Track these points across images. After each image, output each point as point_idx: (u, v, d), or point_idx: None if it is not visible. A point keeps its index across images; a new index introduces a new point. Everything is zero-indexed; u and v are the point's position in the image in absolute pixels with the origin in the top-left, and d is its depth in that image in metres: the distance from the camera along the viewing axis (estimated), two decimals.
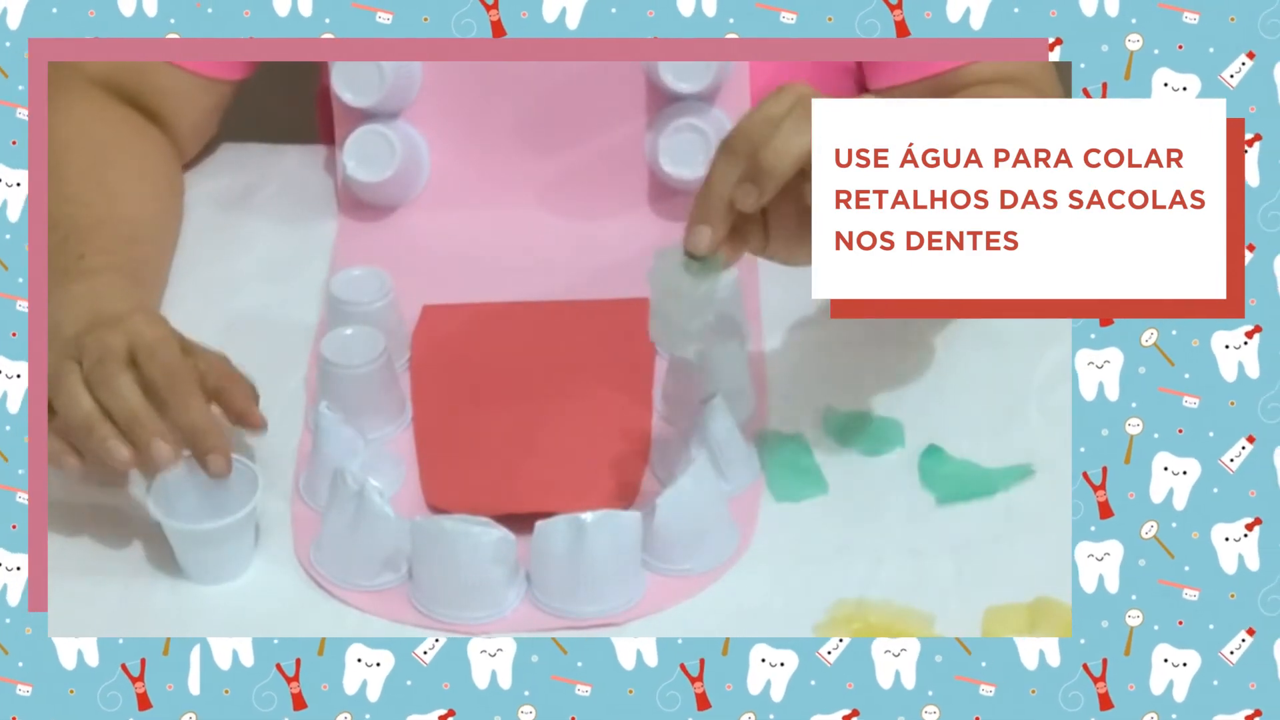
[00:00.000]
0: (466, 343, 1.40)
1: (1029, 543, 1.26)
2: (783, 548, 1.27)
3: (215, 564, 1.25)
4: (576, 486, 1.29)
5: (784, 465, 1.32)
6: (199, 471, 1.24)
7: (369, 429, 1.31)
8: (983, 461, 1.31)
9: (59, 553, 1.21)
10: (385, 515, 1.22)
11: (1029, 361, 1.38)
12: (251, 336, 1.42)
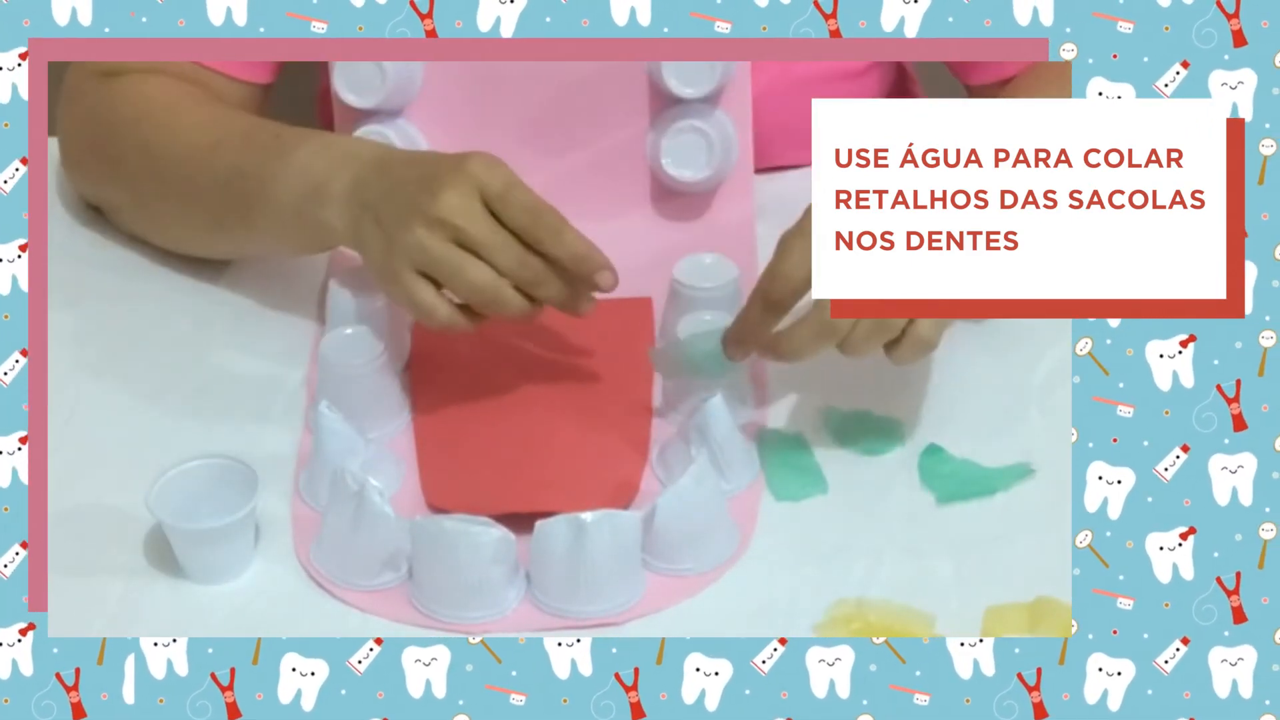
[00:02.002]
0: (466, 342, 1.40)
1: (1029, 542, 1.26)
2: (783, 547, 1.27)
3: (215, 564, 1.25)
4: (576, 486, 1.29)
5: (784, 465, 1.32)
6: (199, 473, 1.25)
7: (369, 429, 1.31)
8: (983, 461, 1.31)
9: (59, 553, 1.21)
10: (385, 515, 1.22)
11: (1029, 361, 1.38)
12: (251, 336, 1.43)
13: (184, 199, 1.43)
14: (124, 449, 1.34)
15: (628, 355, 1.39)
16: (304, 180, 1.35)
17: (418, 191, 1.29)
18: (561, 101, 1.49)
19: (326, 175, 1.34)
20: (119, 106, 1.47)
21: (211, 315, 1.45)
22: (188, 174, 1.42)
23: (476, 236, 1.28)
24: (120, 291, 1.48)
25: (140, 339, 1.43)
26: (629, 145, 1.50)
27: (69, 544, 1.25)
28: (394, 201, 1.30)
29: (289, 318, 1.44)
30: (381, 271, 1.31)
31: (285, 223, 1.37)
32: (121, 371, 1.40)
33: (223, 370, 1.40)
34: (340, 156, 1.35)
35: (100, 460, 1.33)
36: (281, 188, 1.36)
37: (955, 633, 1.18)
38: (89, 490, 1.30)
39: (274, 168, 1.37)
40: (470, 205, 1.28)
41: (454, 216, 1.28)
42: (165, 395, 1.38)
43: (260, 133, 1.41)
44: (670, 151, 1.49)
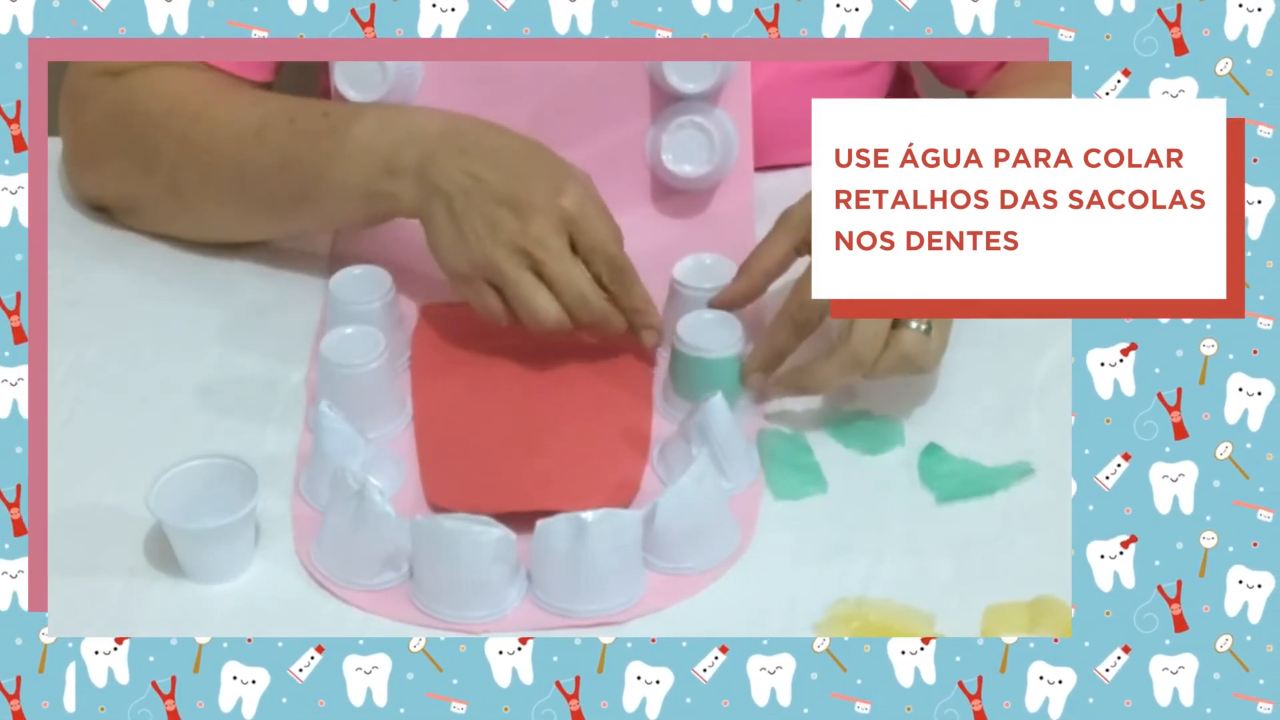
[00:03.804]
0: (466, 342, 1.40)
1: (1029, 541, 1.26)
2: (783, 546, 1.27)
3: (215, 564, 1.25)
4: (577, 485, 1.29)
5: (784, 464, 1.32)
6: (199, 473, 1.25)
7: (369, 428, 1.31)
8: (983, 461, 1.31)
9: (59, 553, 1.21)
10: (386, 514, 1.22)
11: (1029, 361, 1.38)
12: (251, 336, 1.43)
13: (234, 188, 1.43)
14: (124, 449, 1.33)
15: (628, 354, 1.39)
16: (370, 158, 1.37)
17: (506, 211, 1.32)
18: (562, 98, 1.49)
19: (392, 151, 1.36)
20: (144, 101, 1.46)
21: (211, 315, 1.45)
22: (236, 163, 1.42)
23: (554, 274, 1.32)
24: (120, 291, 1.47)
25: (140, 339, 1.43)
26: (629, 142, 1.50)
27: (69, 544, 1.25)
28: (474, 204, 1.33)
29: (289, 318, 1.44)
30: (447, 261, 1.34)
31: (350, 202, 1.39)
32: (121, 371, 1.40)
33: (223, 370, 1.40)
34: (405, 135, 1.37)
35: (100, 460, 1.33)
36: (344, 168, 1.37)
37: (955, 632, 1.18)
38: (89, 490, 1.30)
39: (329, 148, 1.38)
40: (557, 242, 1.32)
41: (538, 250, 1.32)
42: (165, 395, 1.38)
43: (305, 114, 1.42)
44: (671, 147, 1.49)
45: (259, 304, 1.46)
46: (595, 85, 1.48)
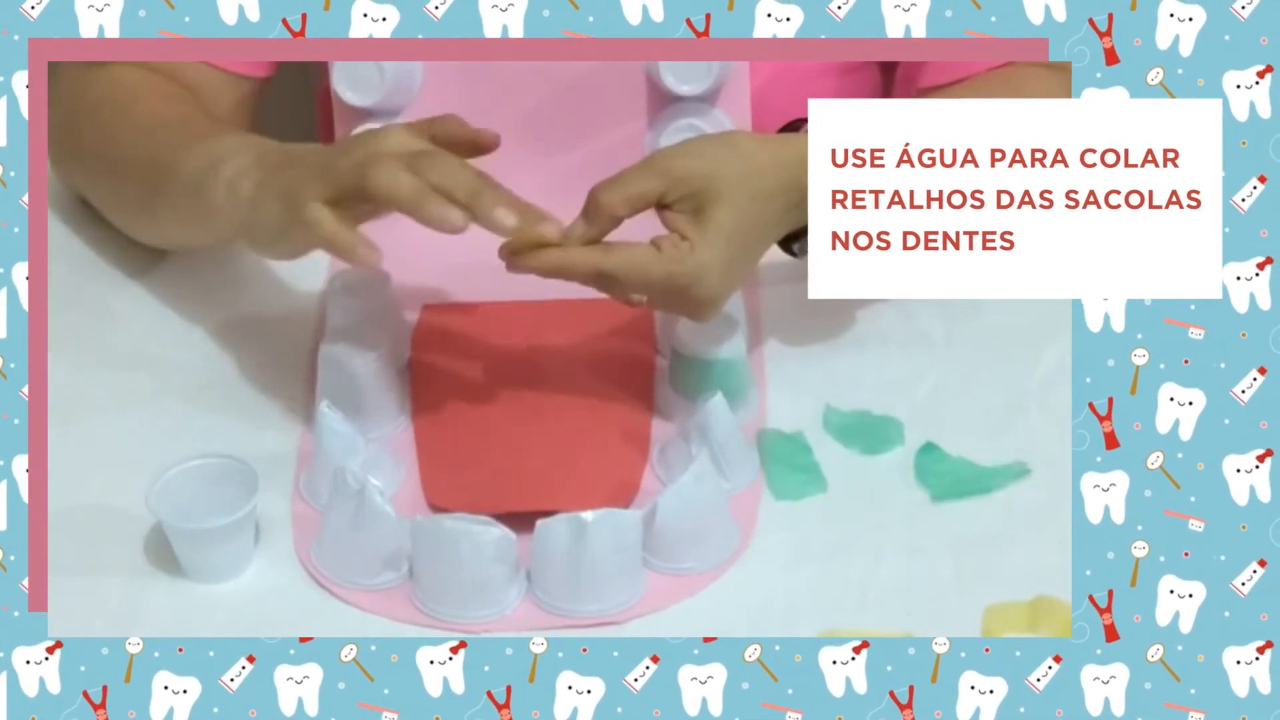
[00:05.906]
0: (466, 342, 1.40)
1: (1029, 541, 1.26)
2: (783, 546, 1.27)
3: (215, 564, 1.25)
4: (577, 485, 1.29)
5: (784, 464, 1.32)
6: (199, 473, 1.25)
7: (369, 428, 1.32)
8: (983, 460, 1.31)
9: (59, 553, 1.21)
10: (386, 514, 1.22)
11: (1028, 361, 1.38)
12: (252, 336, 1.43)
13: (122, 181, 1.43)
14: (124, 449, 1.34)
15: (628, 354, 1.39)
16: (207, 156, 1.33)
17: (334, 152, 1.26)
18: (560, 100, 1.49)
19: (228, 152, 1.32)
20: (86, 92, 1.47)
21: (211, 316, 1.45)
22: (125, 157, 1.42)
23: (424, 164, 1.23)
24: (120, 291, 1.48)
25: (140, 339, 1.44)
26: (627, 144, 1.49)
27: (69, 544, 1.25)
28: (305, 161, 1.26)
29: (290, 318, 1.45)
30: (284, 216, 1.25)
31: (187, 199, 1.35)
32: (121, 371, 1.40)
33: (223, 370, 1.40)
34: (249, 144, 1.33)
35: (100, 460, 1.33)
36: (186, 164, 1.35)
37: (956, 632, 1.18)
38: (89, 490, 1.30)
39: (186, 150, 1.36)
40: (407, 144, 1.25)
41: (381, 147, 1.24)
42: (165, 395, 1.38)
43: (197, 125, 1.41)
44: None
45: (259, 304, 1.46)
46: (592, 86, 1.48)
